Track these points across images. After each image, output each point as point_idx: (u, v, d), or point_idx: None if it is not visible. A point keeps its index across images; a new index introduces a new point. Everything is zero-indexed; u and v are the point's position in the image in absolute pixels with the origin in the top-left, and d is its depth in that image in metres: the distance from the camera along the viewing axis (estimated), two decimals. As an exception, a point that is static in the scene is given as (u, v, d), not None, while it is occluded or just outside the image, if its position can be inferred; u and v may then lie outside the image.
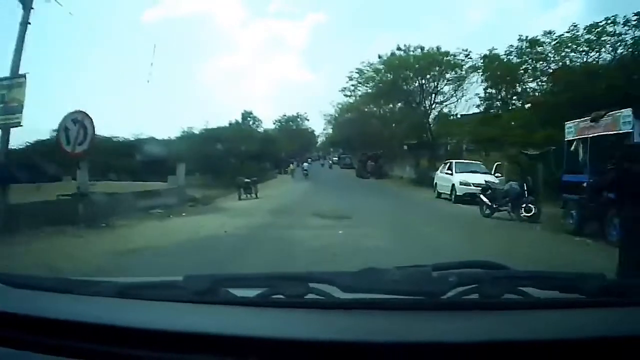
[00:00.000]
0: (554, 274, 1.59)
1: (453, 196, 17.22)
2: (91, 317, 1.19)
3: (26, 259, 6.70)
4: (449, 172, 18.18)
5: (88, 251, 7.58)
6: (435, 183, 19.75)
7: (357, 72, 32.50)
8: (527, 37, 22.39)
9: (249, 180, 19.68)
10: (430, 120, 31.22)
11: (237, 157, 31.25)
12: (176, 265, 6.02)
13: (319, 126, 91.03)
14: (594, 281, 1.35)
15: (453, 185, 17.36)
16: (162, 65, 53.28)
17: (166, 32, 54.64)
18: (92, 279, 1.58)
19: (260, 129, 46.08)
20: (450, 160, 19.37)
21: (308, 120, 64.16)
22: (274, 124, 59.64)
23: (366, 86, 32.94)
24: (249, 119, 47.87)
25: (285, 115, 62.58)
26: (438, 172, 19.94)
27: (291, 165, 39.72)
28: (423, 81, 29.84)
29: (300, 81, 74.16)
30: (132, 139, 27.74)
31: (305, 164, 40.91)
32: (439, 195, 18.95)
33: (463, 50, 29.04)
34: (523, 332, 1.13)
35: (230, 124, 38.18)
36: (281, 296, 1.28)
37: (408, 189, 24.83)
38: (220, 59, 67.78)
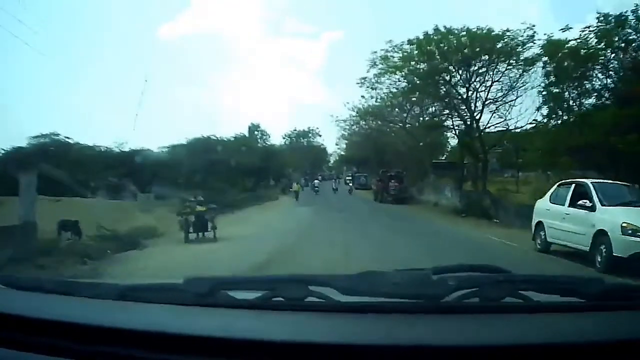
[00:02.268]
0: (554, 278, 1.64)
1: (600, 256, 8.69)
2: (92, 319, 1.24)
3: None
4: (585, 204, 9.45)
5: None
6: (539, 223, 11.14)
7: (381, 59, 24.74)
8: (607, 13, 17.24)
9: (202, 210, 12.29)
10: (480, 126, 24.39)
11: (232, 173, 28.43)
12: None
13: (331, 142, 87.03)
14: (593, 285, 1.39)
15: (601, 233, 8.79)
16: (174, 79, 50.43)
17: (181, 47, 51.83)
18: (93, 281, 1.69)
19: (269, 143, 41.09)
20: (582, 181, 10.46)
21: (320, 135, 59.92)
22: (283, 138, 54.70)
23: (392, 79, 25.81)
24: (256, 132, 43.32)
25: (295, 130, 57.81)
26: (545, 202, 11.34)
27: (295, 184, 33.17)
28: (470, 74, 22.57)
29: (314, 100, 71.68)
30: (116, 149, 25.55)
31: (316, 181, 40.32)
32: (547, 246, 10.77)
33: (528, 27, 21.76)
34: (523, 336, 1.17)
35: (236, 136, 35.15)
36: (281, 299, 1.33)
37: (462, 226, 17.04)
38: (233, 75, 65.22)
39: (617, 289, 1.47)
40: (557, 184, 11.59)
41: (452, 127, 26.88)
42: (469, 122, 24.67)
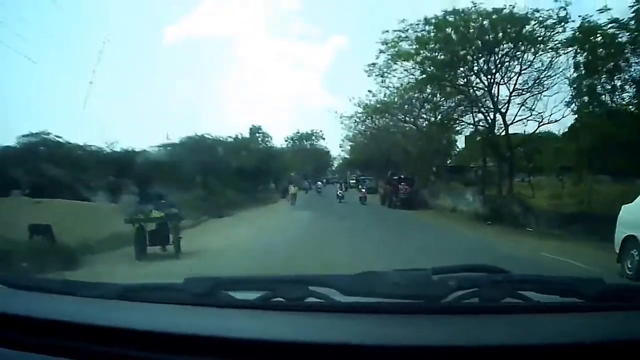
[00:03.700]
0: (554, 278, 1.62)
1: None
2: (92, 318, 1.26)
3: None
4: None
5: None
6: (629, 239, 7.83)
7: (392, 45, 21.65)
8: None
9: (159, 216, 9.66)
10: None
11: (228, 174, 25.90)
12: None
13: (335, 145, 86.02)
14: (593, 285, 1.39)
15: None
16: (177, 81, 48.85)
17: (184, 49, 50.39)
18: (93, 281, 1.61)
19: (270, 145, 39.98)
20: None
21: (324, 139, 58.14)
22: (286, 140, 52.94)
23: (404, 66, 22.62)
24: (257, 134, 41.29)
25: (298, 132, 55.78)
26: (638, 208, 8.14)
27: (291, 187, 30.09)
28: (495, 63, 19.80)
29: (318, 103, 70.22)
30: (107, 148, 24.00)
31: (319, 183, 41.13)
32: None
33: (562, 6, 18.59)
34: (523, 336, 1.17)
35: (236, 137, 32.89)
36: (281, 299, 1.35)
37: (497, 238, 14.02)
38: (237, 78, 63.67)
39: (617, 290, 1.46)
40: None
41: (472, 122, 24.41)
42: (492, 117, 21.79)
